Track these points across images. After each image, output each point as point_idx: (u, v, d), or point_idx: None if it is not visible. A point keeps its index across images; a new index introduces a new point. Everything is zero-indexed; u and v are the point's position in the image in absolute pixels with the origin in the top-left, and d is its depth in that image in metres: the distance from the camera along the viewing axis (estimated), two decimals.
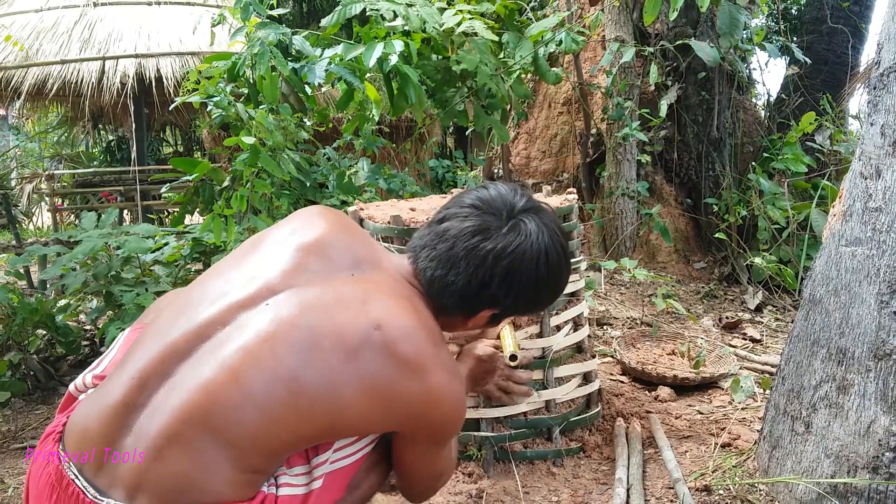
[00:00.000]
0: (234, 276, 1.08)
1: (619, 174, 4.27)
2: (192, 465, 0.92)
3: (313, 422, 0.98)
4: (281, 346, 0.97)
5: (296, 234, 1.13)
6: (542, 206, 1.17)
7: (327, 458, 1.04)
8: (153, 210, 6.50)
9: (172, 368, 0.98)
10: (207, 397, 0.94)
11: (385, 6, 2.42)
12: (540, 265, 1.12)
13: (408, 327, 1.03)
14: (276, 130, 2.41)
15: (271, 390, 0.95)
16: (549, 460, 1.90)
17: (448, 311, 1.16)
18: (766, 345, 3.12)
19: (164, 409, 0.94)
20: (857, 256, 1.54)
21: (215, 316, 1.01)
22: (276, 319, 0.99)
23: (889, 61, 1.55)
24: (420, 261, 1.15)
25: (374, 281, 1.09)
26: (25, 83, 5.58)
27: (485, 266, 1.10)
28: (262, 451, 0.96)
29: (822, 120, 4.38)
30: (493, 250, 1.10)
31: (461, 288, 1.11)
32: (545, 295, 1.19)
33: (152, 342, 1.01)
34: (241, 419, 0.94)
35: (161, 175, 5.50)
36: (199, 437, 0.93)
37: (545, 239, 1.13)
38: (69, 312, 2.84)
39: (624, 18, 4.23)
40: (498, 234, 1.11)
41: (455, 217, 1.14)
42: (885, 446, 1.42)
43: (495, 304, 1.15)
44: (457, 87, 2.65)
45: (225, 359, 0.96)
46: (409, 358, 1.02)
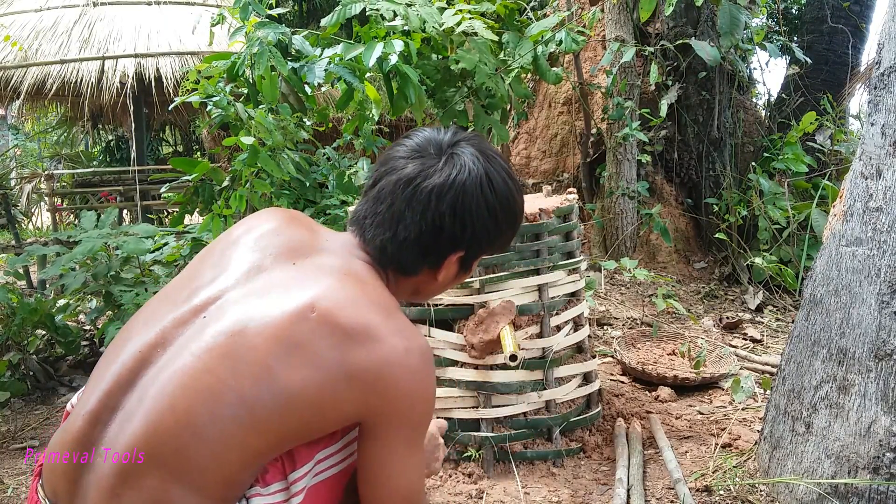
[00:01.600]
0: (178, 290, 1.05)
1: (620, 174, 4.26)
2: (143, 501, 0.89)
3: (265, 434, 0.92)
4: (217, 363, 0.92)
5: (242, 237, 1.09)
6: (472, 135, 1.12)
7: (308, 471, 0.97)
8: (153, 210, 6.50)
9: (120, 401, 0.94)
10: (149, 432, 0.90)
11: (385, 6, 2.42)
12: (485, 190, 1.06)
13: (346, 298, 0.97)
14: (275, 130, 2.40)
15: (211, 411, 0.90)
16: (549, 461, 1.90)
17: (412, 270, 1.09)
18: (766, 345, 3.11)
19: (114, 447, 0.91)
20: (857, 256, 1.53)
21: (154, 339, 0.97)
22: (210, 331, 0.95)
23: (889, 61, 1.55)
24: (365, 231, 1.08)
25: (317, 264, 1.03)
26: (25, 83, 5.57)
27: (430, 208, 1.03)
28: (216, 479, 0.91)
29: (823, 120, 4.38)
30: (433, 189, 1.03)
31: (416, 239, 1.05)
32: (504, 221, 1.10)
33: (104, 370, 0.98)
34: (183, 449, 0.89)
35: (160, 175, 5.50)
36: (149, 475, 0.89)
37: (483, 163, 1.07)
38: (69, 312, 2.83)
39: (624, 18, 4.23)
40: (433, 172, 1.05)
41: (386, 174, 1.08)
42: (886, 447, 1.42)
43: (457, 245, 1.08)
44: (456, 86, 2.65)
45: (163, 385, 0.92)
46: (353, 327, 0.94)
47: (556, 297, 1.96)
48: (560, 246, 1.97)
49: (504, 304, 1.85)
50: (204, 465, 0.90)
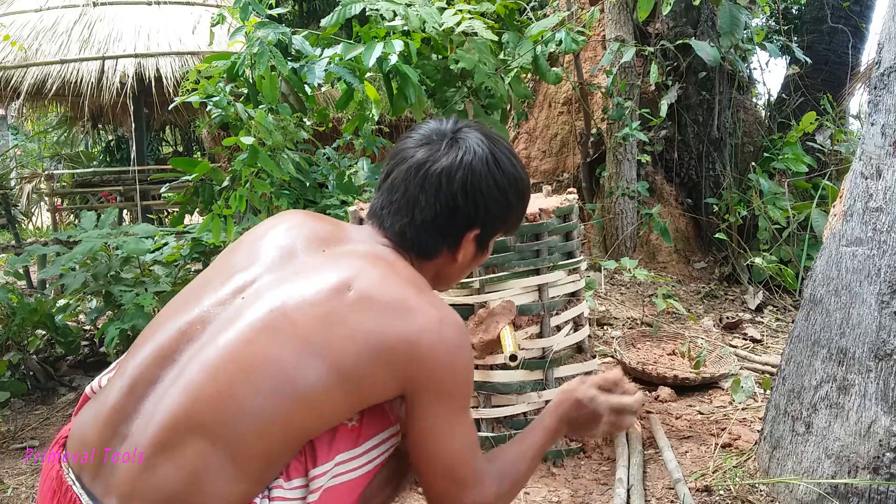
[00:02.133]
0: (214, 276, 1.09)
1: (620, 174, 4.26)
2: (180, 474, 0.90)
3: (307, 407, 0.95)
4: (258, 335, 0.95)
5: (267, 234, 1.13)
6: (474, 121, 1.18)
7: (327, 471, 0.98)
8: (153, 210, 6.50)
9: (159, 373, 0.97)
10: (190, 401, 0.92)
11: (385, 6, 2.42)
12: (492, 167, 1.11)
13: (380, 276, 1.02)
14: (275, 130, 2.40)
15: (250, 380, 0.93)
16: (549, 461, 1.90)
17: (432, 252, 1.14)
18: (766, 345, 3.11)
19: (153, 416, 0.93)
20: (857, 256, 1.53)
21: (196, 317, 1.01)
22: (250, 310, 0.98)
23: (889, 61, 1.55)
24: (384, 221, 1.13)
25: (347, 251, 1.09)
26: (25, 83, 5.57)
27: (442, 189, 1.09)
28: (255, 453, 0.93)
29: (823, 120, 4.38)
30: (442, 171, 1.09)
31: (432, 220, 1.10)
32: (513, 197, 1.15)
33: (143, 347, 1.01)
34: (225, 417, 0.91)
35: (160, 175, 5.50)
36: (186, 444, 0.91)
37: (488, 144, 1.13)
38: (69, 312, 2.83)
39: (624, 18, 4.23)
40: (441, 156, 1.10)
41: (397, 165, 1.13)
42: (886, 446, 1.42)
43: (472, 223, 1.12)
44: (456, 86, 2.65)
45: (205, 359, 0.95)
46: (389, 301, 0.99)
47: (556, 297, 1.96)
48: (560, 246, 1.97)
49: (504, 304, 1.85)
50: (244, 438, 0.91)
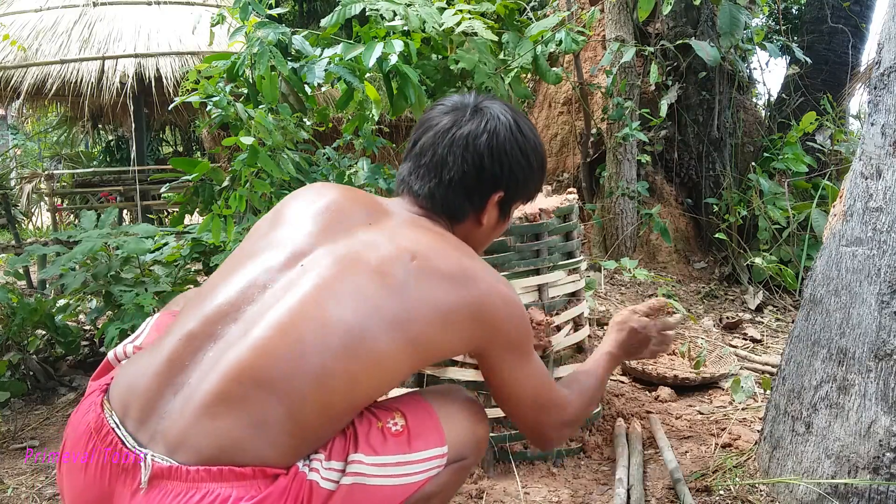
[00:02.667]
0: (261, 246, 1.11)
1: (620, 174, 4.26)
2: (240, 423, 0.92)
3: (371, 367, 0.99)
4: (325, 297, 0.99)
5: (311, 203, 1.17)
6: (495, 97, 1.25)
7: (360, 460, 1.00)
8: (153, 210, 6.50)
9: (220, 330, 0.99)
10: (258, 354, 0.95)
11: (385, 6, 2.42)
12: (515, 133, 1.19)
13: (438, 248, 1.09)
14: (275, 130, 2.40)
15: (321, 340, 0.96)
16: (549, 461, 1.90)
17: (460, 214, 1.20)
18: (766, 345, 3.11)
19: (216, 368, 0.95)
20: (857, 256, 1.53)
21: (254, 280, 1.04)
22: (314, 276, 1.02)
23: (889, 61, 1.55)
24: (413, 186, 1.20)
25: (391, 223, 1.14)
26: (25, 83, 5.57)
27: (469, 150, 1.16)
28: (316, 405, 0.96)
29: (823, 120, 4.38)
30: (468, 134, 1.16)
31: (459, 180, 1.17)
32: (535, 162, 1.22)
33: (198, 308, 1.04)
34: (292, 373, 0.94)
35: (160, 175, 5.49)
36: (250, 395, 0.93)
37: (510, 112, 1.21)
38: (69, 313, 2.83)
39: (624, 18, 4.23)
40: (467, 121, 1.18)
41: (424, 134, 1.20)
42: (886, 447, 1.42)
43: (498, 185, 1.19)
44: (456, 86, 2.65)
45: (272, 317, 0.98)
46: (454, 271, 1.06)
47: (556, 297, 1.96)
48: (560, 246, 1.97)
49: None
50: (308, 395, 0.95)
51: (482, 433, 1.19)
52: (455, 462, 1.12)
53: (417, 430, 1.07)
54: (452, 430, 1.11)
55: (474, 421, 1.17)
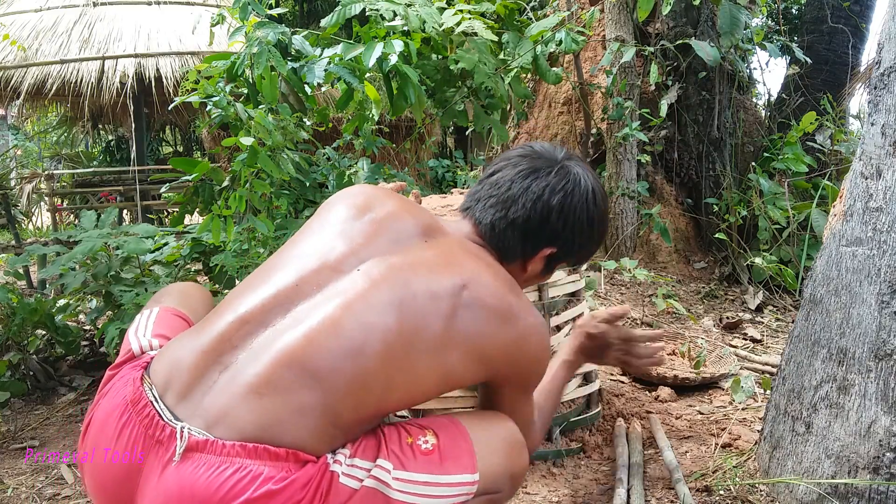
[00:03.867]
0: (315, 244, 1.13)
1: (620, 174, 4.26)
2: (283, 406, 0.95)
3: (406, 380, 1.02)
4: (377, 303, 1.02)
5: (361, 208, 1.18)
6: (580, 156, 1.29)
7: (386, 468, 1.00)
8: (153, 210, 6.50)
9: (272, 318, 1.02)
10: (309, 344, 0.98)
11: (385, 6, 2.42)
12: (589, 201, 1.22)
13: (489, 282, 1.11)
14: (275, 130, 2.40)
15: (367, 342, 0.99)
16: (549, 461, 1.89)
17: (510, 256, 1.22)
18: (766, 345, 3.11)
19: (266, 352, 0.98)
20: (857, 256, 1.53)
21: (309, 277, 1.07)
22: (369, 281, 1.05)
23: (889, 61, 1.55)
24: (477, 212, 1.23)
25: (445, 244, 1.16)
26: (25, 83, 5.57)
27: (542, 200, 1.18)
28: (352, 400, 0.99)
29: (823, 120, 4.38)
30: (547, 186, 1.19)
31: (523, 223, 1.19)
32: (596, 233, 1.26)
33: (251, 294, 1.06)
34: (338, 367, 0.97)
35: (160, 175, 5.50)
36: (296, 381, 0.96)
37: (591, 179, 1.24)
38: (68, 312, 2.83)
39: (624, 18, 4.22)
40: (549, 173, 1.21)
41: (505, 167, 1.23)
42: (886, 447, 1.42)
43: (555, 240, 1.22)
44: (456, 86, 2.65)
45: (326, 313, 1.01)
46: (500, 308, 1.09)
47: (555, 297, 1.96)
48: None
49: None
50: (349, 382, 0.98)
51: (519, 468, 1.15)
52: (486, 494, 1.09)
53: (449, 451, 1.05)
54: (487, 459, 1.08)
55: (513, 454, 1.14)
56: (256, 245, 2.44)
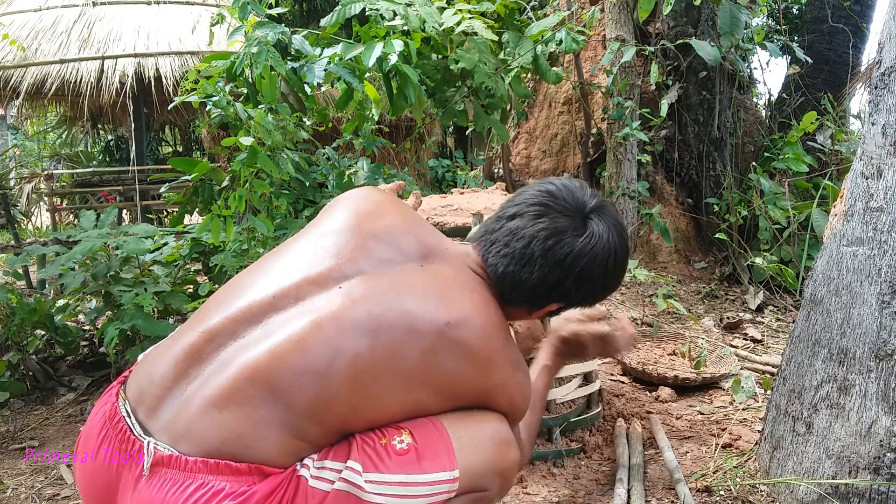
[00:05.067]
0: (303, 254, 1.11)
1: (620, 174, 4.26)
2: (245, 420, 0.94)
3: (373, 404, 1.01)
4: (350, 326, 0.99)
5: (362, 218, 1.15)
6: (607, 203, 1.21)
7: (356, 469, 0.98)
8: (152, 210, 6.50)
9: (243, 331, 1.01)
10: (273, 360, 0.97)
11: (384, 6, 2.42)
12: (609, 263, 1.16)
13: (479, 325, 1.07)
14: (274, 130, 2.40)
15: (333, 363, 0.97)
16: (549, 461, 1.89)
17: (514, 303, 1.18)
18: (767, 345, 3.11)
19: (230, 365, 0.97)
20: (858, 256, 1.53)
21: (288, 289, 1.04)
22: (347, 301, 1.02)
23: (890, 61, 1.55)
24: (490, 256, 1.16)
25: (443, 273, 1.11)
26: (24, 83, 5.56)
27: (561, 267, 1.13)
28: (315, 419, 0.98)
29: (824, 119, 4.37)
30: (570, 253, 1.13)
31: (534, 285, 1.14)
32: (609, 288, 1.23)
33: (226, 306, 1.05)
34: (301, 385, 0.96)
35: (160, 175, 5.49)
36: (258, 396, 0.95)
37: (615, 239, 1.17)
38: (68, 313, 2.83)
39: (624, 18, 4.22)
40: (573, 236, 1.13)
41: (526, 215, 1.15)
42: (887, 447, 1.42)
43: (564, 299, 1.19)
44: (456, 86, 2.65)
45: (295, 329, 0.99)
46: (480, 356, 1.06)
47: None
48: None
49: None
50: (311, 401, 0.97)
51: (507, 466, 1.11)
52: (472, 492, 1.07)
53: (426, 450, 1.03)
54: (469, 457, 1.05)
55: (498, 450, 1.10)
56: (256, 245, 2.44)
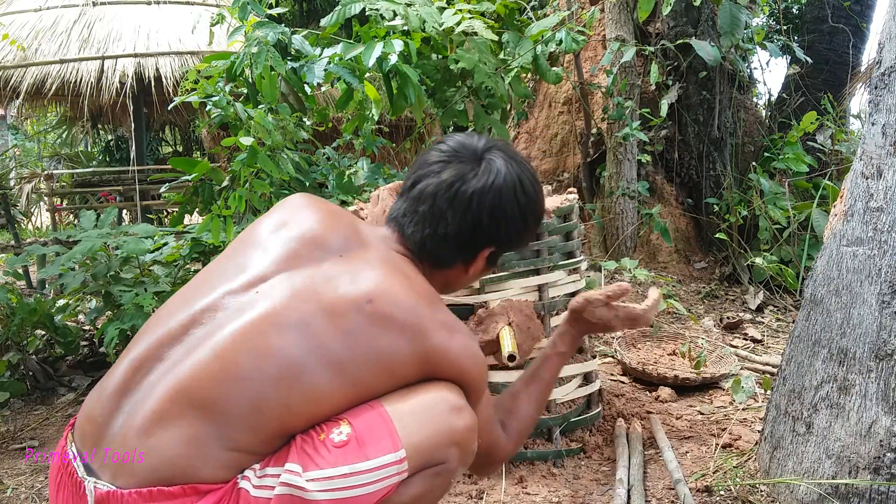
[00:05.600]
0: (227, 267, 1.11)
1: (620, 174, 4.26)
2: (173, 442, 0.93)
3: (307, 399, 0.99)
4: (270, 327, 0.99)
5: (286, 225, 1.15)
6: (501, 142, 1.23)
7: (296, 471, 0.95)
8: (152, 210, 6.50)
9: (166, 353, 1.01)
10: (194, 375, 0.96)
11: (384, 6, 2.42)
12: (518, 193, 1.17)
13: (398, 294, 1.06)
14: (274, 130, 2.40)
15: (257, 367, 0.97)
16: (549, 461, 1.89)
17: (446, 263, 1.20)
18: (767, 345, 3.11)
19: (155, 390, 0.97)
20: (858, 256, 1.53)
21: (208, 304, 1.04)
22: (265, 303, 1.02)
23: (890, 61, 1.55)
24: (406, 228, 1.18)
25: (362, 258, 1.12)
26: (24, 83, 5.56)
27: (471, 209, 1.14)
28: (248, 427, 0.97)
29: (824, 119, 4.37)
30: (474, 192, 1.14)
31: (455, 236, 1.16)
32: (531, 221, 1.22)
33: (151, 331, 1.05)
34: (227, 394, 0.96)
35: (160, 175, 5.49)
36: (184, 415, 0.95)
37: (515, 168, 1.18)
38: (68, 313, 2.83)
39: (624, 18, 4.22)
40: (473, 176, 1.16)
41: (426, 176, 1.18)
42: (887, 447, 1.42)
43: (491, 242, 1.19)
44: (456, 86, 2.65)
45: (215, 340, 0.99)
46: (407, 324, 1.04)
47: (556, 297, 1.95)
48: (560, 246, 1.97)
49: (513, 303, 1.84)
50: (239, 416, 0.96)
51: (460, 434, 1.05)
52: (428, 467, 1.03)
53: (366, 436, 0.99)
54: (414, 433, 1.01)
55: (446, 420, 1.04)
56: None
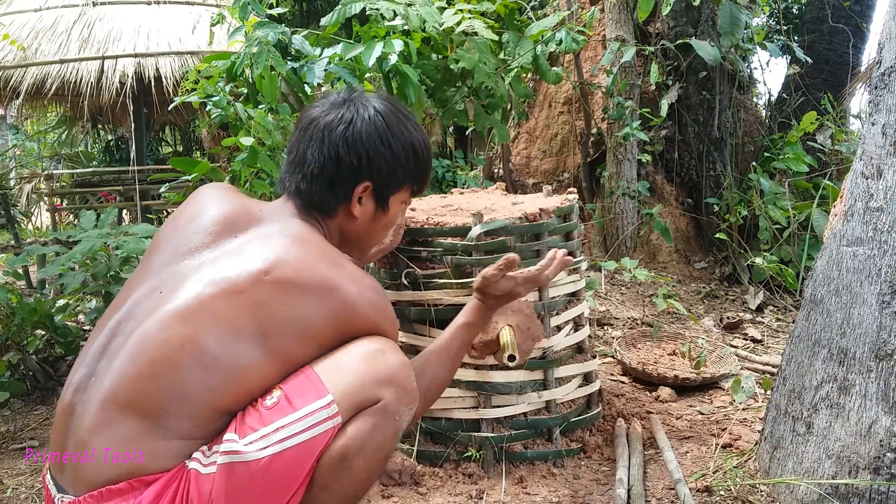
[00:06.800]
0: (136, 277, 1.16)
1: (620, 174, 4.26)
2: (109, 444, 1.00)
3: (233, 381, 1.03)
4: (176, 320, 1.03)
5: (181, 223, 1.19)
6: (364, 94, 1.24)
7: (232, 439, 1.01)
8: (152, 210, 6.49)
9: (96, 368, 1.07)
10: (114, 382, 1.02)
11: (385, 5, 2.42)
12: (374, 121, 1.17)
13: (296, 259, 1.08)
14: (275, 130, 2.40)
15: (170, 360, 1.01)
16: (549, 461, 1.89)
17: (329, 208, 1.19)
18: (767, 345, 3.11)
19: (88, 405, 1.04)
20: (858, 256, 1.53)
21: (121, 315, 1.10)
22: (169, 302, 1.06)
23: (890, 61, 1.55)
24: (286, 184, 1.21)
25: (261, 233, 1.14)
26: (24, 83, 5.57)
27: (325, 141, 1.16)
28: (177, 414, 1.01)
29: (824, 119, 4.37)
30: (325, 125, 1.16)
31: (320, 171, 1.16)
32: (400, 150, 1.20)
33: (85, 351, 1.12)
34: (146, 390, 1.01)
35: (160, 175, 5.49)
36: (113, 418, 1.01)
37: (374, 101, 1.20)
38: (68, 313, 2.83)
39: (624, 18, 4.22)
40: (327, 113, 1.18)
41: (301, 141, 1.21)
42: (887, 447, 1.42)
43: (360, 176, 1.18)
44: (456, 86, 2.65)
45: (128, 348, 1.04)
46: (312, 283, 1.06)
47: (556, 297, 1.95)
48: (560, 246, 1.96)
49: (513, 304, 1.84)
50: (167, 408, 1.01)
51: (391, 368, 1.07)
52: (363, 408, 1.05)
53: (294, 392, 1.04)
54: (339, 378, 1.04)
55: (370, 360, 1.07)
56: None
